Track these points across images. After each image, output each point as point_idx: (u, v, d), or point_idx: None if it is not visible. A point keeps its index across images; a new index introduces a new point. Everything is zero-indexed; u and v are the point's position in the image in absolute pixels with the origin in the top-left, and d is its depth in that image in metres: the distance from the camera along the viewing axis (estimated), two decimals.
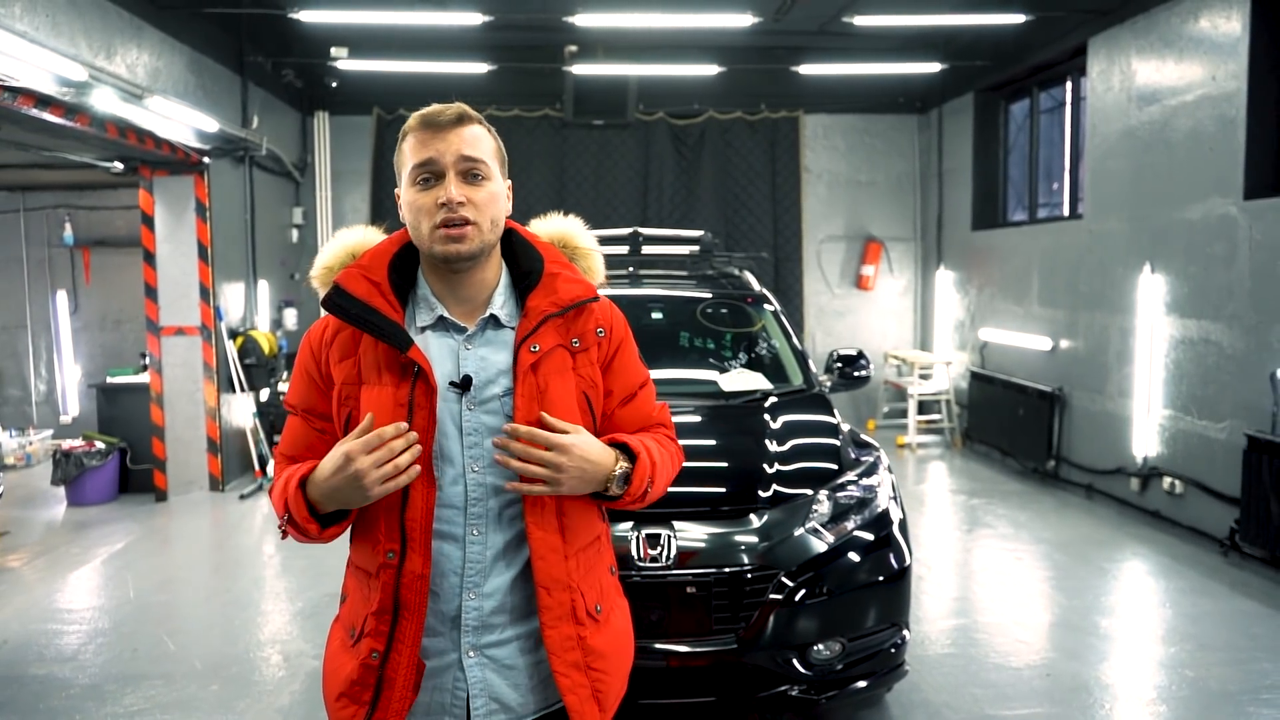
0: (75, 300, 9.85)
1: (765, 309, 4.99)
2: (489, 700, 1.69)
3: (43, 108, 5.45)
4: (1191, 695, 4.04)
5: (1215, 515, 6.00)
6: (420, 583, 1.64)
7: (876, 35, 9.59)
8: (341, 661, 1.74)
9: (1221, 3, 5.92)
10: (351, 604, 1.77)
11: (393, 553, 1.64)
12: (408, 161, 1.67)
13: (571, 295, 1.75)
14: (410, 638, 1.65)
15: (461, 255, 1.66)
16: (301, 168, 10.02)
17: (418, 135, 1.67)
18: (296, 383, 1.79)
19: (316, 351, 1.75)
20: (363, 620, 1.70)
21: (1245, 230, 5.74)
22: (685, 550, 3.30)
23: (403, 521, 1.64)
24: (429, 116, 1.67)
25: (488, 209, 1.67)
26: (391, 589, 1.65)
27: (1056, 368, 8.00)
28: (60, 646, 4.68)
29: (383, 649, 1.65)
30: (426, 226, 1.65)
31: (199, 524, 6.98)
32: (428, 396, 1.64)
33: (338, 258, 1.81)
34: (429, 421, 1.64)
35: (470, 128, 1.68)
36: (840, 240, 10.87)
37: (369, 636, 1.67)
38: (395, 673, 1.65)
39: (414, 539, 1.64)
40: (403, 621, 1.65)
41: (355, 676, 1.68)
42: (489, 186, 1.68)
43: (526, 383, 1.68)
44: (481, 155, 1.67)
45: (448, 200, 1.63)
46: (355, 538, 1.76)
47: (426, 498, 1.64)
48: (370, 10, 7.73)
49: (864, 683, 3.45)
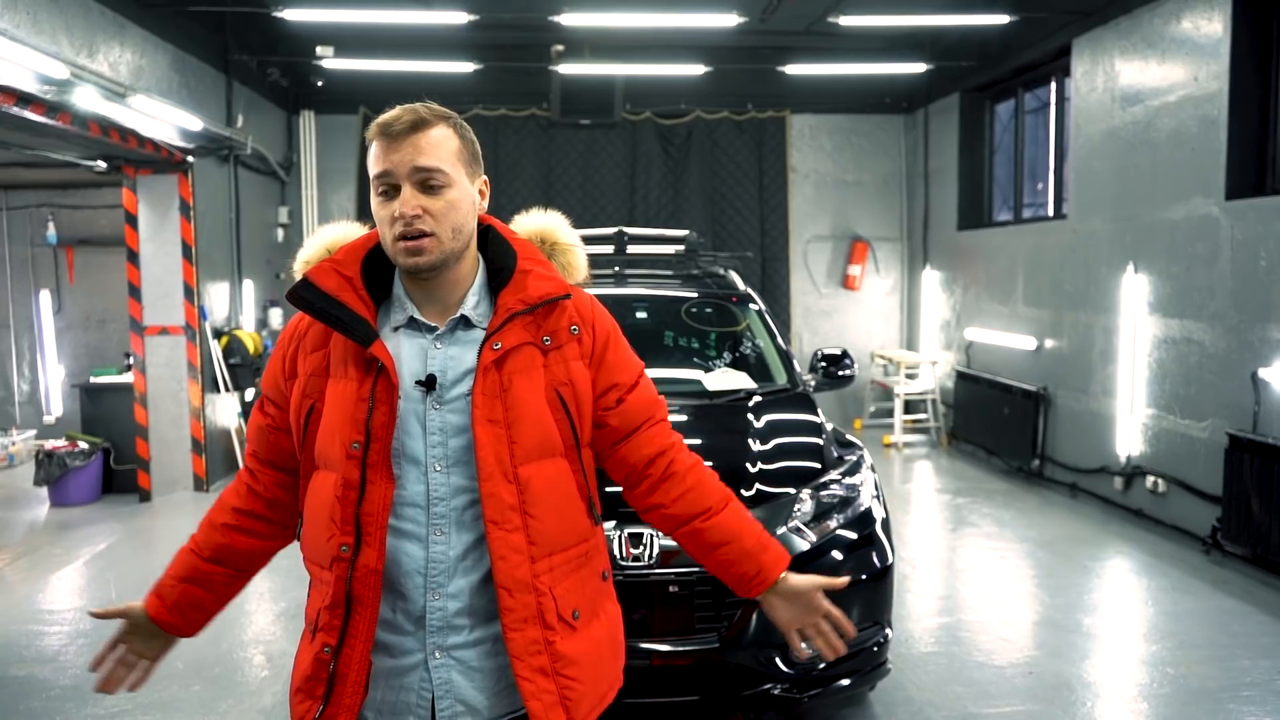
0: (59, 300, 9.79)
1: (750, 308, 5.00)
2: (454, 702, 1.67)
3: (24, 106, 5.41)
4: (1173, 692, 4.07)
5: (1197, 514, 6.03)
6: (373, 578, 1.63)
7: (863, 35, 9.61)
8: (302, 656, 1.74)
9: (1203, 4, 5.95)
10: (311, 599, 1.77)
11: (346, 546, 1.63)
12: (371, 169, 1.67)
13: (541, 292, 1.73)
14: (363, 633, 1.63)
15: (421, 267, 1.65)
16: (287, 167, 9.98)
17: (377, 143, 1.65)
18: (268, 368, 1.82)
19: (289, 342, 1.78)
20: (317, 614, 1.69)
21: (1227, 230, 5.77)
22: (668, 549, 3.30)
23: (358, 515, 1.63)
24: (385, 124, 1.64)
25: (446, 218, 1.65)
26: (344, 582, 1.63)
27: (1041, 367, 8.04)
28: (41, 647, 4.65)
29: (335, 643, 1.64)
30: (389, 237, 1.65)
31: (183, 524, 6.95)
32: (388, 393, 1.64)
33: (316, 253, 1.82)
34: (389, 418, 1.64)
35: (428, 134, 1.63)
36: (827, 240, 10.90)
37: (322, 631, 1.66)
38: (348, 668, 1.64)
39: (369, 533, 1.63)
40: (355, 616, 1.63)
41: (310, 671, 1.67)
42: (448, 195, 1.65)
43: (487, 379, 1.66)
44: (437, 163, 1.63)
45: (400, 214, 1.62)
46: (305, 531, 1.75)
47: (385, 493, 1.63)
48: (355, 9, 7.71)
49: (847, 681, 3.46)
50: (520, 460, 1.67)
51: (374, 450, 1.63)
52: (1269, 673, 4.24)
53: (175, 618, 1.85)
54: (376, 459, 1.63)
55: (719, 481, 1.92)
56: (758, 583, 1.85)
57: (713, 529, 1.85)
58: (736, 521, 1.87)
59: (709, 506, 1.86)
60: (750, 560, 1.85)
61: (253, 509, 1.84)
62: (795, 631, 1.87)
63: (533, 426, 1.68)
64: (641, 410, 1.87)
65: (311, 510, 1.71)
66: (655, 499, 1.87)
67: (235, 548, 1.84)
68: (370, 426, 1.63)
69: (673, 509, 1.86)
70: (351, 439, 1.63)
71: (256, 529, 1.85)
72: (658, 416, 1.90)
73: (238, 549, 1.85)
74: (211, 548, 1.84)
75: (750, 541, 1.86)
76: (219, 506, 1.87)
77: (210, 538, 1.84)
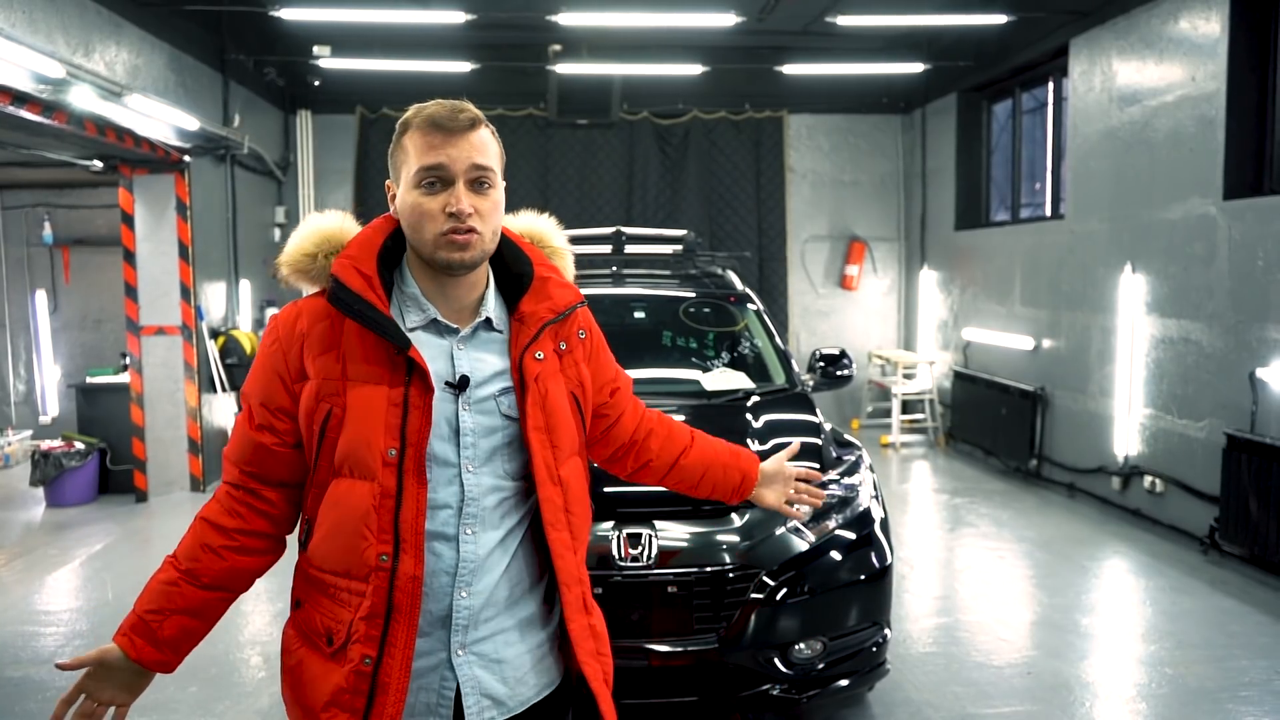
0: (55, 300, 9.76)
1: (748, 308, 4.99)
2: (480, 697, 1.67)
3: (20, 105, 5.40)
4: (1171, 693, 4.07)
5: (1195, 514, 6.03)
6: (414, 584, 1.61)
7: (860, 35, 9.61)
8: (323, 670, 1.66)
9: (1201, 4, 5.95)
10: (321, 610, 1.69)
11: (386, 555, 1.60)
12: (412, 161, 1.62)
13: (566, 301, 1.78)
14: (403, 641, 1.61)
15: (465, 263, 1.64)
16: (284, 166, 9.96)
17: (426, 136, 1.61)
18: (258, 371, 1.71)
19: (287, 342, 1.68)
20: (346, 626, 1.64)
21: (1224, 230, 5.77)
22: (666, 550, 3.30)
23: (396, 523, 1.60)
24: (440, 118, 1.61)
25: (492, 218, 1.66)
26: (385, 593, 1.60)
27: (1039, 367, 8.04)
28: (37, 648, 4.63)
29: (375, 654, 1.61)
30: (430, 232, 1.62)
31: (179, 525, 6.91)
32: (423, 397, 1.62)
33: (311, 241, 1.73)
34: (423, 422, 1.61)
35: (480, 132, 1.64)
36: (824, 240, 10.89)
37: (359, 642, 1.61)
38: (389, 677, 1.61)
39: (407, 541, 1.60)
40: (395, 625, 1.61)
41: (346, 684, 1.62)
42: (494, 195, 1.67)
43: (533, 390, 1.70)
44: (491, 163, 1.65)
45: (458, 210, 1.60)
46: (321, 540, 1.68)
47: (419, 499, 1.61)
48: (352, 9, 7.69)
49: (845, 681, 3.46)
50: (560, 462, 1.74)
51: (409, 456, 1.60)
52: (1267, 672, 4.24)
53: (168, 654, 1.69)
54: (412, 466, 1.60)
55: (676, 421, 2.16)
56: (747, 485, 2.14)
57: (694, 461, 2.10)
58: (709, 446, 2.13)
59: (684, 444, 2.11)
60: (733, 470, 2.13)
61: (258, 529, 1.73)
62: (785, 505, 2.20)
63: (565, 429, 1.75)
64: (628, 391, 2.05)
65: (336, 520, 1.64)
66: (643, 458, 2.08)
67: (237, 570, 1.72)
68: (405, 432, 1.60)
69: (658, 459, 2.08)
70: (388, 446, 1.60)
71: (260, 547, 1.74)
72: (629, 391, 2.07)
73: (239, 571, 1.72)
74: (211, 574, 1.69)
75: (725, 455, 2.13)
76: (211, 530, 1.71)
77: (209, 564, 1.69)
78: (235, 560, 1.71)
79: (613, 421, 2.01)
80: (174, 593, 1.68)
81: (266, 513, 1.73)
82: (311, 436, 1.66)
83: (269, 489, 1.73)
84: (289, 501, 1.75)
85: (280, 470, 1.72)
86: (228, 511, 1.72)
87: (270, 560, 1.78)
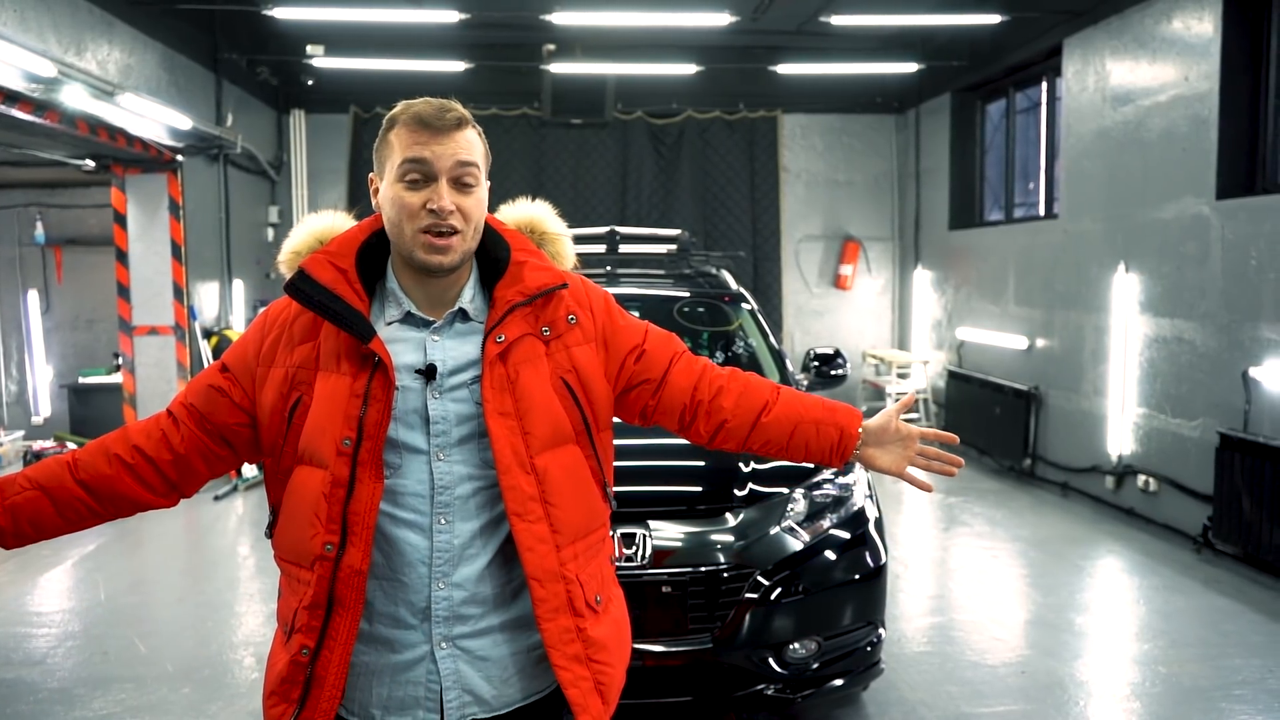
0: (47, 300, 9.73)
1: (742, 308, 4.99)
2: (462, 692, 1.66)
3: (11, 104, 5.38)
4: (1164, 691, 4.07)
5: (1188, 513, 6.05)
6: (358, 579, 1.60)
7: (854, 35, 9.62)
8: (276, 657, 1.70)
9: (1194, 4, 5.96)
10: (284, 598, 1.72)
11: (331, 545, 1.59)
12: (397, 155, 1.63)
13: (538, 283, 1.72)
14: (343, 635, 1.61)
15: (444, 266, 1.64)
16: (277, 166, 9.94)
17: (412, 132, 1.62)
18: (244, 341, 1.75)
19: (274, 326, 1.72)
20: (293, 614, 1.65)
21: (1217, 230, 5.79)
22: (661, 549, 3.29)
23: (345, 514, 1.60)
24: (427, 116, 1.62)
25: (473, 216, 1.65)
26: (327, 583, 1.59)
27: (1033, 367, 8.05)
28: (29, 650, 4.61)
29: (313, 645, 1.61)
30: (410, 229, 1.62)
31: (172, 525, 6.90)
32: (385, 390, 1.61)
33: (305, 243, 1.77)
34: (383, 415, 1.61)
35: (466, 132, 1.65)
36: (818, 240, 10.90)
37: (300, 632, 1.62)
38: (325, 671, 1.61)
39: (355, 533, 1.59)
40: (336, 618, 1.60)
41: (285, 673, 1.64)
42: (477, 193, 1.66)
43: (494, 372, 1.66)
44: (476, 160, 1.65)
45: (439, 207, 1.60)
46: (281, 527, 1.70)
47: (374, 492, 1.61)
48: (346, 8, 7.68)
49: (840, 681, 3.46)
50: (536, 450, 1.66)
51: (365, 448, 1.60)
52: (1260, 671, 4.25)
53: (5, 520, 1.64)
54: (367, 457, 1.60)
55: (760, 376, 1.94)
56: (847, 441, 1.87)
57: (779, 418, 1.87)
58: (797, 401, 1.89)
59: (766, 400, 1.88)
60: (829, 427, 1.87)
61: (157, 458, 1.70)
62: (908, 471, 1.90)
63: (543, 416, 1.68)
64: (663, 349, 1.88)
65: (292, 507, 1.66)
66: (716, 419, 1.87)
67: (115, 485, 1.69)
68: (363, 424, 1.60)
69: (735, 420, 1.87)
70: (343, 435, 1.60)
71: (148, 479, 1.71)
72: (679, 349, 1.91)
73: (116, 488, 1.69)
74: (91, 472, 1.67)
75: (819, 411, 1.88)
76: (120, 438, 1.71)
77: (95, 463, 1.68)
78: (120, 475, 1.69)
79: (657, 384, 1.86)
80: (51, 472, 1.68)
81: (177, 453, 1.71)
82: (281, 423, 1.67)
83: (194, 431, 1.71)
84: (201, 457, 1.73)
85: (213, 421, 1.71)
86: (145, 433, 1.72)
87: (150, 501, 1.75)
